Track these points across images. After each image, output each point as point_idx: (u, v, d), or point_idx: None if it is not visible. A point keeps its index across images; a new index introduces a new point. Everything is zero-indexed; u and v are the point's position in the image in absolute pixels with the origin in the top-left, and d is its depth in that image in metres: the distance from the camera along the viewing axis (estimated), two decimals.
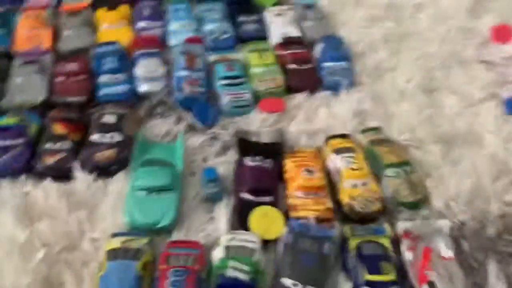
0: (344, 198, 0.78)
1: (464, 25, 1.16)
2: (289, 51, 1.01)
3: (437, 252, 0.72)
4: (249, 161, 0.80)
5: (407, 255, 0.72)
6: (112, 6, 1.08)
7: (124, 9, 1.09)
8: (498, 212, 0.80)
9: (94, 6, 1.10)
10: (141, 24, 1.06)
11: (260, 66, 0.97)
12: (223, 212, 0.76)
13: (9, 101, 0.88)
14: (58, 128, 0.82)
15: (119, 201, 0.76)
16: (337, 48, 1.03)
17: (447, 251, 0.72)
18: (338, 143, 0.85)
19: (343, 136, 0.87)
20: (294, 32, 1.08)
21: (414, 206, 0.79)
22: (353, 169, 0.80)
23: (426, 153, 0.88)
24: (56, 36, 1.02)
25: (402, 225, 0.74)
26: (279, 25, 1.09)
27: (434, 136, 0.91)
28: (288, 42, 1.04)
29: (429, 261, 0.71)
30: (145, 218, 0.73)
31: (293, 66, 0.99)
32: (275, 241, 0.73)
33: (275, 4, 1.16)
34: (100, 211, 0.76)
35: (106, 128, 0.83)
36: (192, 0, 1.15)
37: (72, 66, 0.93)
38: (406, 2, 1.22)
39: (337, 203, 0.79)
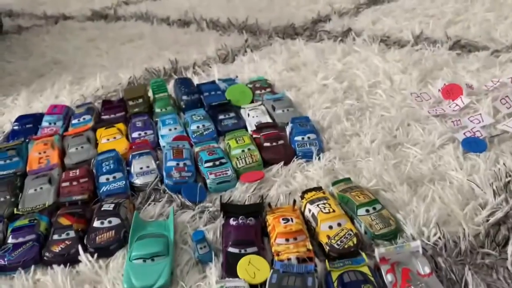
0: (323, 240, 0.85)
1: (416, 91, 1.32)
2: (262, 133, 1.15)
3: (415, 270, 0.77)
4: (232, 221, 0.89)
5: (388, 277, 0.76)
6: (109, 126, 1.26)
7: (119, 126, 1.27)
8: (470, 232, 0.85)
9: (94, 128, 1.28)
10: (135, 134, 1.23)
11: (238, 148, 1.10)
12: (214, 270, 0.83)
13: (23, 208, 1.00)
14: (63, 221, 0.93)
15: (119, 273, 0.84)
16: (304, 125, 1.17)
17: (424, 269, 0.77)
18: (312, 195, 0.94)
19: (316, 189, 0.96)
20: (266, 120, 1.24)
21: (389, 237, 0.85)
22: (326, 213, 0.88)
23: (395, 193, 0.96)
24: (62, 154, 1.18)
25: (378, 252, 0.79)
26: (253, 116, 1.26)
27: (401, 179, 1.00)
28: (261, 127, 1.19)
29: (408, 279, 0.75)
30: (142, 282, 0.80)
31: (267, 144, 1.12)
32: (264, 285, 0.78)
33: (250, 103, 1.35)
34: (102, 284, 0.83)
35: (105, 215, 0.93)
36: (178, 112, 1.34)
37: (75, 173, 1.07)
38: (362, 84, 1.41)
39: (319, 245, 0.85)
